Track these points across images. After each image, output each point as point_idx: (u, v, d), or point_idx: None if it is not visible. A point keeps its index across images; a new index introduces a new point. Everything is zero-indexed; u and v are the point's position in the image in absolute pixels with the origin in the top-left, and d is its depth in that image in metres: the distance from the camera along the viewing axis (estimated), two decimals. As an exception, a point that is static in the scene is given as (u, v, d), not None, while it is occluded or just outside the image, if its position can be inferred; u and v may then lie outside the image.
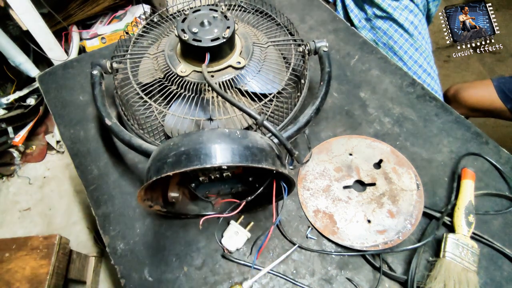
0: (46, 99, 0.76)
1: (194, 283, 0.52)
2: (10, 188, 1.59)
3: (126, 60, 0.61)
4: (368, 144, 0.64)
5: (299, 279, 0.52)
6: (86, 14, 1.58)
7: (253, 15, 0.70)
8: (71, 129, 0.71)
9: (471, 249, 0.50)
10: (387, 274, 0.52)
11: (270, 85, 0.57)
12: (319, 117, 0.69)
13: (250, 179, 0.51)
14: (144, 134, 0.57)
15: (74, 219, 1.48)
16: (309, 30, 0.86)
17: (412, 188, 0.58)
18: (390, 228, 0.55)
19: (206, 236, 0.57)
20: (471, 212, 0.53)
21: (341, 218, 0.56)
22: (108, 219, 0.59)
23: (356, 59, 0.79)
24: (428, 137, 0.66)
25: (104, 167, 0.65)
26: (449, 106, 0.70)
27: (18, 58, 1.37)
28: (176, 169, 0.38)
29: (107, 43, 1.58)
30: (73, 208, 1.52)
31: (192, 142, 0.40)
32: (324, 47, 0.60)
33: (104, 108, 0.56)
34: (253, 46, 0.59)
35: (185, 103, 0.55)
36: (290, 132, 0.52)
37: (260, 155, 0.40)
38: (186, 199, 0.56)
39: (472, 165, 0.62)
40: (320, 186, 0.60)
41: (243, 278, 0.52)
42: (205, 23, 0.54)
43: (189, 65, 0.56)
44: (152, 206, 0.49)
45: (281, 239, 0.56)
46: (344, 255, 0.54)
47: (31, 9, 1.22)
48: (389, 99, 0.72)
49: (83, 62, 0.82)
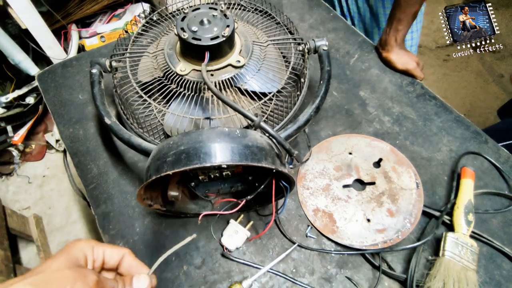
0: (45, 98, 0.76)
1: (193, 282, 0.52)
2: (10, 187, 1.59)
3: (126, 58, 0.61)
4: (368, 143, 0.64)
5: (299, 278, 0.52)
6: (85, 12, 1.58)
7: (253, 13, 0.69)
8: (71, 128, 0.71)
9: (470, 248, 0.50)
10: (386, 273, 0.52)
11: (270, 84, 0.57)
12: (319, 116, 0.69)
13: (249, 178, 0.51)
14: (143, 133, 0.57)
15: (73, 218, 1.49)
16: (309, 29, 0.86)
17: (411, 187, 0.58)
18: (390, 227, 0.55)
19: (206, 235, 0.57)
20: (470, 211, 0.53)
21: (341, 217, 0.56)
22: (108, 218, 0.59)
23: (356, 58, 0.79)
24: (428, 136, 0.66)
25: (103, 166, 0.65)
26: (449, 105, 0.70)
27: (17, 56, 1.37)
28: (175, 168, 0.38)
29: (106, 41, 1.57)
30: (73, 207, 1.52)
31: (191, 141, 0.40)
32: (323, 46, 0.60)
33: (103, 107, 0.56)
34: (253, 45, 0.59)
35: (185, 102, 0.55)
36: (289, 131, 0.52)
37: (259, 154, 0.40)
38: (186, 198, 0.56)
39: (471, 164, 0.62)
40: (320, 185, 0.60)
41: (243, 277, 0.52)
42: (205, 21, 0.53)
43: (188, 64, 0.56)
44: (151, 205, 0.49)
45: (281, 238, 0.56)
46: (343, 254, 0.54)
47: (30, 8, 1.22)
48: (388, 98, 0.72)
49: (82, 60, 0.82)
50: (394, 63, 0.75)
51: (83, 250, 0.29)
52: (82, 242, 0.30)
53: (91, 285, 0.26)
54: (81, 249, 0.29)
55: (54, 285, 0.24)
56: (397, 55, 0.74)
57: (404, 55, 0.74)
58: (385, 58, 0.76)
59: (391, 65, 0.75)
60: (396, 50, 0.74)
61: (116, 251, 0.32)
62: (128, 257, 0.32)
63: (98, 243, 0.31)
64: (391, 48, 0.74)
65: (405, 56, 0.74)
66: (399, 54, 0.74)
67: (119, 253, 0.32)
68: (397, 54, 0.74)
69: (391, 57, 0.75)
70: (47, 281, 0.25)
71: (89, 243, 0.30)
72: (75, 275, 0.26)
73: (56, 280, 0.25)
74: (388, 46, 0.74)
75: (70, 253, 0.28)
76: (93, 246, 0.30)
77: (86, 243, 0.30)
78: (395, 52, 0.74)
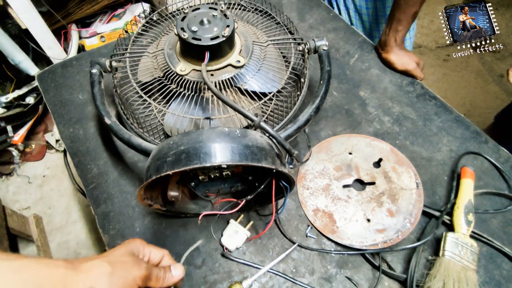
0: (46, 97, 0.76)
1: (193, 282, 0.52)
2: (10, 187, 1.59)
3: (126, 58, 0.61)
4: (368, 143, 0.64)
5: (299, 278, 0.52)
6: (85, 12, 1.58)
7: (253, 13, 0.69)
8: (71, 128, 0.71)
9: (470, 248, 0.50)
10: (386, 273, 0.52)
11: (270, 84, 0.57)
12: (319, 116, 0.69)
13: (249, 178, 0.51)
14: (143, 133, 0.57)
15: (73, 218, 1.49)
16: (309, 28, 0.86)
17: (411, 187, 0.58)
18: (390, 227, 0.55)
19: (206, 235, 0.57)
20: (470, 211, 0.53)
21: (341, 217, 0.56)
22: (108, 218, 0.59)
23: (356, 58, 0.79)
24: (428, 136, 0.66)
25: (103, 166, 0.65)
26: (449, 105, 0.70)
27: (17, 56, 1.37)
28: (176, 168, 0.38)
29: (106, 41, 1.57)
30: (73, 207, 1.52)
31: (191, 141, 0.40)
32: (323, 46, 0.60)
33: (103, 107, 0.56)
34: (253, 45, 0.59)
35: (185, 102, 0.55)
36: (289, 131, 0.52)
37: (259, 154, 0.40)
38: (186, 198, 0.56)
39: (471, 164, 0.62)
40: (320, 185, 0.60)
41: (243, 277, 0.52)
42: (205, 21, 0.53)
43: (188, 64, 0.56)
44: (151, 205, 0.49)
45: (281, 238, 0.56)
46: (343, 254, 0.54)
47: (30, 8, 1.22)
48: (388, 98, 0.72)
49: (82, 60, 0.82)
50: (394, 64, 0.74)
51: (138, 246, 0.38)
52: (138, 240, 0.39)
53: (143, 269, 0.35)
54: (136, 245, 0.38)
55: (119, 265, 0.33)
56: (396, 56, 0.74)
57: (404, 56, 0.74)
58: (384, 59, 0.76)
59: (391, 66, 0.75)
60: (396, 50, 0.74)
61: (159, 252, 0.40)
62: (166, 257, 0.41)
63: (147, 244, 0.40)
64: (391, 48, 0.74)
65: (405, 57, 0.74)
66: (399, 54, 0.74)
67: (161, 253, 0.40)
68: (397, 54, 0.74)
69: (390, 58, 0.74)
70: (115, 261, 0.34)
71: (142, 242, 0.39)
72: (133, 261, 0.35)
73: (120, 262, 0.34)
74: (388, 47, 0.74)
75: (128, 246, 0.37)
76: (144, 245, 0.39)
77: (140, 242, 0.39)
78: (395, 53, 0.74)
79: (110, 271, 0.32)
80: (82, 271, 0.31)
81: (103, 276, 0.31)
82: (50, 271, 0.30)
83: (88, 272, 0.31)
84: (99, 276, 0.31)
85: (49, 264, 0.30)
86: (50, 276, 0.29)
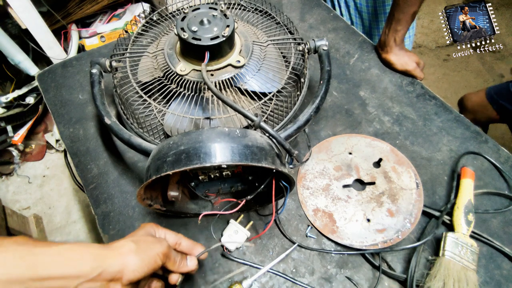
0: (45, 97, 0.76)
1: (193, 282, 0.52)
2: (10, 187, 1.59)
3: (126, 58, 0.61)
4: (368, 143, 0.64)
5: (299, 278, 0.52)
6: (85, 12, 1.58)
7: (253, 13, 0.69)
8: (71, 128, 0.71)
9: (470, 247, 0.50)
10: (386, 273, 0.52)
11: (270, 84, 0.57)
12: (319, 116, 0.69)
13: (249, 178, 0.51)
14: (143, 133, 0.57)
15: (73, 218, 1.49)
16: (309, 28, 0.86)
17: (411, 187, 0.58)
18: (390, 227, 0.55)
19: (206, 235, 0.57)
20: (470, 211, 0.53)
21: (341, 217, 0.56)
22: (108, 218, 0.59)
23: (356, 58, 0.79)
24: (428, 136, 0.66)
25: (103, 166, 0.65)
26: (449, 105, 0.70)
27: (17, 56, 1.37)
28: (176, 168, 0.38)
29: (106, 41, 1.57)
30: (73, 207, 1.52)
31: (191, 141, 0.40)
32: (323, 46, 0.60)
33: (103, 107, 0.56)
34: (253, 45, 0.59)
35: (185, 102, 0.55)
36: (289, 131, 0.52)
37: (259, 154, 0.40)
38: (186, 198, 0.56)
39: (471, 164, 0.62)
40: (320, 185, 0.60)
41: (243, 277, 0.52)
42: (205, 21, 0.53)
43: (188, 64, 0.56)
44: (151, 205, 0.49)
45: (281, 238, 0.56)
46: (343, 254, 0.54)
47: (30, 8, 1.22)
48: (388, 98, 0.72)
49: (82, 60, 0.82)
50: (394, 64, 0.74)
51: (153, 228, 0.43)
52: (151, 223, 0.44)
53: (164, 246, 0.39)
54: (152, 227, 0.43)
55: (142, 243, 0.38)
56: (396, 56, 0.74)
57: (404, 56, 0.74)
58: (384, 59, 0.76)
59: (391, 66, 0.75)
60: (396, 50, 0.74)
61: (173, 234, 0.44)
62: (184, 239, 0.45)
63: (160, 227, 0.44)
64: (391, 49, 0.74)
65: (405, 57, 0.74)
66: (399, 55, 0.74)
67: (176, 236, 0.44)
68: (397, 55, 0.74)
69: (390, 58, 0.74)
70: (139, 240, 0.38)
71: (156, 225, 0.44)
72: (154, 240, 0.40)
73: (143, 241, 0.39)
74: (388, 47, 0.74)
75: (145, 229, 0.42)
76: (159, 227, 0.44)
77: (155, 224, 0.44)
78: (395, 53, 0.74)
79: (136, 248, 0.37)
80: (113, 249, 0.36)
81: (131, 251, 0.37)
82: (91, 249, 0.36)
83: (118, 249, 0.37)
84: (128, 252, 0.37)
85: (88, 245, 0.36)
86: (93, 250, 0.36)
